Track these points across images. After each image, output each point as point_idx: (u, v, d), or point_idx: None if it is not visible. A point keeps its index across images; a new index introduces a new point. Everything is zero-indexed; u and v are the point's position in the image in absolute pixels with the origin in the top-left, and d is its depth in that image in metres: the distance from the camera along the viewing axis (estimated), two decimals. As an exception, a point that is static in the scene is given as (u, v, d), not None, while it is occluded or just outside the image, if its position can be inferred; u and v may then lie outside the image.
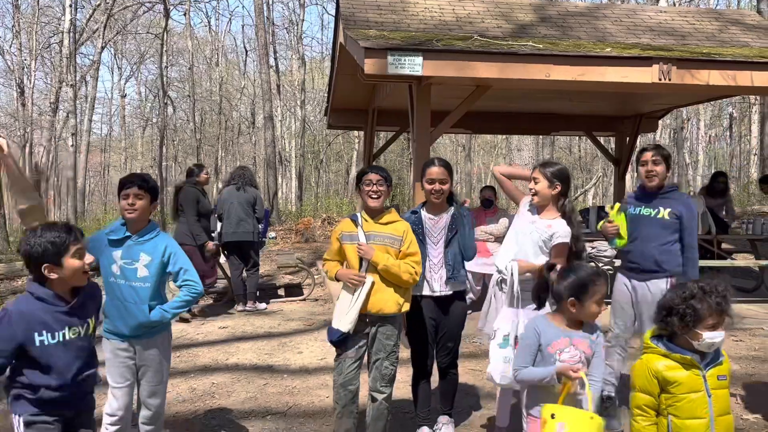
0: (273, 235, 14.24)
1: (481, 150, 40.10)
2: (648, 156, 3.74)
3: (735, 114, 31.26)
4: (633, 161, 12.65)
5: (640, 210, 3.83)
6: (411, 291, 3.42)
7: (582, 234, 3.54)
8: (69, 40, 19.12)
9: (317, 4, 41.61)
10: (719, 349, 2.30)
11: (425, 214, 3.63)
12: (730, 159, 36.00)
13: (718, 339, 2.20)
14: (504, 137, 34.88)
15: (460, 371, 3.81)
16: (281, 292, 8.64)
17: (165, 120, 25.99)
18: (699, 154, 32.48)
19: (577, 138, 31.76)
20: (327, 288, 8.63)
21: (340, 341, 3.28)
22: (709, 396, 2.23)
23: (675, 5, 20.34)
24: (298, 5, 30.30)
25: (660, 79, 5.97)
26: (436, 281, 3.56)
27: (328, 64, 32.10)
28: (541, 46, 6.16)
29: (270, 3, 26.08)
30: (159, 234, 3.14)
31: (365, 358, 3.38)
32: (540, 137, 27.53)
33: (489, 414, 4.08)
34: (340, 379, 3.30)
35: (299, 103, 28.49)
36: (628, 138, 11.00)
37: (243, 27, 45.00)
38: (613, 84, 6.19)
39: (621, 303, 3.90)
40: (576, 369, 2.46)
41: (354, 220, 3.38)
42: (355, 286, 3.24)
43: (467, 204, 3.81)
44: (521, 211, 3.63)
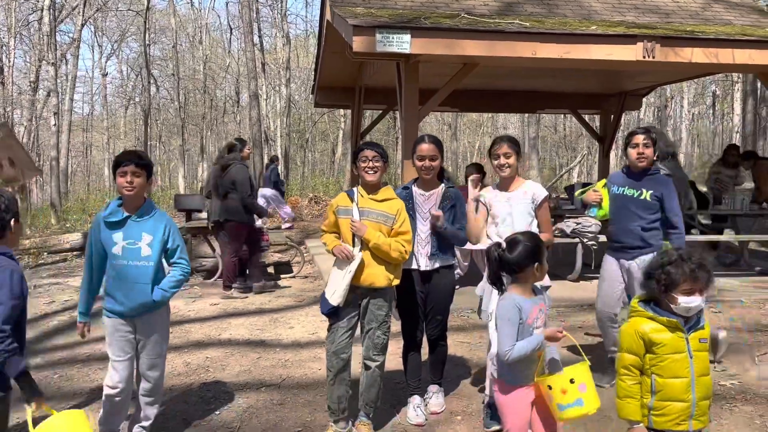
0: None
1: (467, 129, 40.13)
2: (639, 139, 3.90)
3: (718, 92, 31.55)
4: (617, 139, 12.86)
5: (623, 190, 4.02)
6: (401, 266, 3.51)
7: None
8: (49, 17, 18.78)
9: (301, -20, 41.04)
10: (701, 315, 2.43)
11: (416, 189, 3.73)
12: (713, 137, 36.41)
13: (693, 304, 2.31)
14: (490, 116, 34.99)
15: (449, 343, 3.93)
16: (270, 270, 8.71)
17: (149, 99, 25.71)
18: (682, 132, 32.81)
19: (563, 116, 31.91)
20: (316, 266, 8.71)
21: (332, 312, 3.38)
22: (691, 357, 2.36)
23: (660, -17, 20.33)
24: (282, -18, 29.89)
25: (644, 57, 6.08)
26: (422, 256, 3.66)
27: (312, 42, 31.82)
28: (528, 24, 6.22)
29: (254, -21, 25.67)
30: (157, 212, 3.19)
31: (358, 330, 3.48)
32: (526, 115, 27.65)
33: (478, 384, 4.21)
34: (332, 348, 3.40)
35: (284, 82, 28.25)
36: (612, 116, 11.13)
37: (227, 4, 44.15)
38: (598, 62, 6.28)
39: (609, 281, 4.10)
40: (561, 330, 2.63)
41: (350, 195, 3.46)
42: (345, 261, 3.34)
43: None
44: (490, 202, 3.65)
